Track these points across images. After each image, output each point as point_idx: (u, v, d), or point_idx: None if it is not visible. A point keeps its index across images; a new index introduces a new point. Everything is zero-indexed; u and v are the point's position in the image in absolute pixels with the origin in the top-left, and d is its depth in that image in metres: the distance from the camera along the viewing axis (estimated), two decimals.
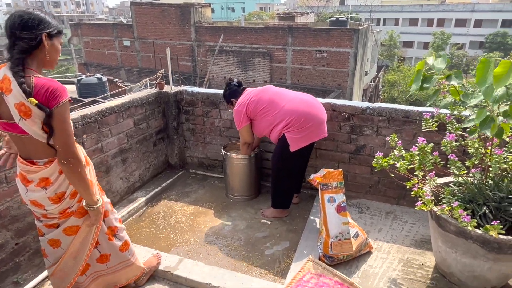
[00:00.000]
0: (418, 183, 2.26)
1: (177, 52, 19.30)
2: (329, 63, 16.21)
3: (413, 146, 2.23)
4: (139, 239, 2.76)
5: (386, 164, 2.29)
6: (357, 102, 3.01)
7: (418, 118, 2.81)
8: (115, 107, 2.95)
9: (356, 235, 2.43)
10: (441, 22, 38.59)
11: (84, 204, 1.71)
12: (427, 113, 2.30)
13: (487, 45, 33.73)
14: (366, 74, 20.33)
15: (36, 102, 1.43)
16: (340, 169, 2.41)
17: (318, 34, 16.11)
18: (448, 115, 2.26)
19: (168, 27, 18.87)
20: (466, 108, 2.03)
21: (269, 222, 2.96)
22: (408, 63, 35.15)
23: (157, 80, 3.51)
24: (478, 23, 37.14)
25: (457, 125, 2.21)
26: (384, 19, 41.45)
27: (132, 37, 20.41)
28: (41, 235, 1.80)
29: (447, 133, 2.25)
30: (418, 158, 2.18)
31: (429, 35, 36.07)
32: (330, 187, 2.37)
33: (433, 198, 2.10)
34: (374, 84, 25.33)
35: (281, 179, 2.83)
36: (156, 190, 3.37)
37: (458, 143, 2.07)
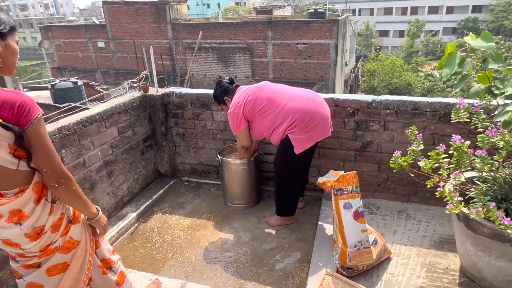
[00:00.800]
0: (439, 181, 2.07)
1: (154, 51, 18.74)
2: (311, 56, 16.04)
3: (441, 144, 2.03)
4: (133, 261, 2.47)
5: (406, 164, 2.08)
6: (362, 95, 2.80)
7: (428, 110, 2.63)
8: (96, 115, 2.63)
9: (375, 242, 2.23)
10: (414, 10, 39.17)
11: (84, 218, 1.52)
12: (461, 102, 2.08)
13: (459, 30, 34.46)
14: (346, 64, 20.32)
15: (1, 121, 1.14)
16: (355, 172, 2.19)
17: (298, 26, 15.89)
18: (475, 105, 2.06)
19: (143, 25, 18.22)
20: (500, 97, 1.83)
21: (275, 231, 2.72)
22: (385, 51, 35.52)
23: (141, 82, 3.19)
24: (450, 10, 37.91)
25: (483, 116, 2.00)
26: (360, 9, 41.74)
27: (107, 37, 19.63)
28: (18, 277, 1.50)
29: (478, 126, 2.04)
30: (452, 158, 1.97)
31: (403, 23, 36.55)
32: (346, 192, 2.15)
33: (461, 198, 1.91)
34: (354, 74, 25.45)
35: (285, 184, 2.60)
36: (147, 203, 3.07)
37: (498, 138, 1.85)
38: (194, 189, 3.40)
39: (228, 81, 2.70)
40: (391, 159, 2.18)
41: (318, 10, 18.11)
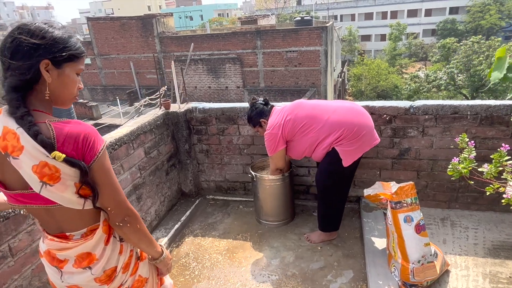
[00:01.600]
0: (499, 187, 1.98)
1: (142, 66, 18.55)
2: (301, 63, 16.12)
3: (503, 145, 1.94)
4: None
5: (466, 171, 1.99)
6: (399, 101, 2.72)
7: (468, 113, 2.56)
8: (124, 136, 2.46)
9: (435, 255, 2.12)
10: (394, 14, 40.11)
11: (148, 258, 1.36)
12: None
13: (439, 32, 35.41)
14: (334, 70, 20.53)
15: (64, 156, 0.99)
16: (412, 182, 2.09)
17: (287, 34, 15.98)
18: None
19: (130, 40, 18.00)
20: None
21: (319, 248, 2.59)
22: (369, 56, 36.17)
23: (163, 99, 3.04)
24: (428, 12, 38.96)
25: None
26: (341, 15, 42.48)
27: (93, 54, 19.31)
28: None
29: None
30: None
31: (385, 27, 37.37)
32: (405, 205, 2.04)
33: None
34: (340, 79, 25.74)
35: (331, 198, 2.47)
36: (176, 226, 2.90)
37: None
38: (221, 207, 3.24)
39: (263, 102, 2.60)
40: (449, 166, 2.09)
41: (305, 17, 18.28)
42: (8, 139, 0.98)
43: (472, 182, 2.07)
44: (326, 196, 2.47)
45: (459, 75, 21.19)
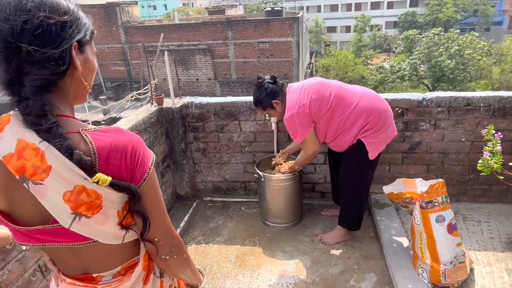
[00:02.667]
0: None
1: (106, 57, 17.54)
2: (273, 54, 15.94)
3: None
4: None
5: (498, 165, 1.91)
6: (411, 94, 2.61)
7: (481, 105, 2.50)
8: None
9: (464, 254, 2.04)
10: (358, 6, 40.89)
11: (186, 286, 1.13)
12: None
13: (400, 24, 36.58)
14: (303, 61, 20.57)
15: (110, 179, 0.74)
16: (443, 180, 1.98)
17: (258, 25, 15.70)
18: None
19: None
20: None
21: (335, 251, 2.44)
22: (334, 47, 36.70)
23: (154, 94, 2.73)
24: (390, 5, 40.11)
25: None
26: (307, 7, 42.66)
27: None
28: None
29: None
30: None
31: (350, 19, 38.03)
32: (437, 204, 1.93)
33: None
34: (309, 70, 25.93)
35: (361, 195, 2.32)
36: None
37: None
38: (221, 210, 3.01)
39: (271, 80, 2.29)
40: (479, 161, 2.00)
41: (275, 8, 18.06)
42: (26, 157, 0.70)
43: (502, 178, 2.00)
44: (356, 192, 2.29)
45: (421, 66, 21.99)
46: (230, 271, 2.33)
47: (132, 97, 4.85)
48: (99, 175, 0.72)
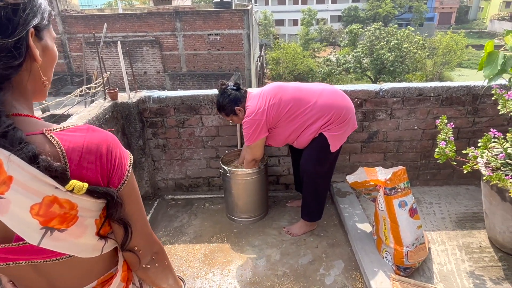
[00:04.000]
0: (475, 164, 2.08)
1: None
2: (224, 46, 15.77)
3: (492, 129, 2.03)
4: None
5: (453, 153, 2.05)
6: (369, 85, 2.71)
7: (432, 95, 2.67)
8: None
9: (422, 234, 2.17)
10: (304, 0, 41.86)
11: None
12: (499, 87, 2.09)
13: (344, 18, 38.16)
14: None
15: (86, 186, 0.64)
16: (403, 167, 2.08)
17: (208, 17, 15.40)
18: (500, 88, 2.11)
19: None
20: None
21: (302, 241, 2.48)
22: (283, 40, 37.27)
23: (107, 87, 2.54)
24: None
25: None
26: None
27: None
28: None
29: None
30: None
31: (296, 13, 38.84)
32: (399, 190, 2.03)
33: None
34: (259, 63, 26.08)
35: (321, 186, 2.36)
36: None
37: None
38: (184, 208, 2.90)
39: (234, 87, 2.30)
40: (436, 150, 2.12)
41: (224, 0, 17.82)
42: None
43: (455, 163, 2.15)
44: (315, 184, 2.34)
45: (364, 58, 23.13)
46: (200, 270, 2.26)
47: (81, 91, 4.47)
48: (73, 182, 0.62)
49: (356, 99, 2.66)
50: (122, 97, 2.64)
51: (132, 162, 0.77)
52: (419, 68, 23.92)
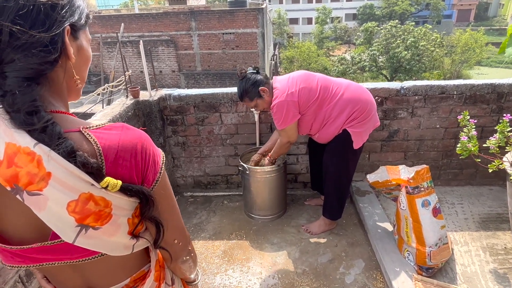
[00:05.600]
0: (501, 163, 2.04)
1: None
2: (238, 45, 15.80)
3: (506, 115, 1.98)
4: None
5: (475, 148, 2.01)
6: (390, 83, 2.68)
7: (455, 93, 2.62)
8: None
9: (447, 235, 2.14)
10: None
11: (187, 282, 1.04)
12: None
13: (359, 16, 37.67)
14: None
15: (120, 183, 0.65)
16: (427, 166, 2.05)
17: (223, 16, 15.45)
18: None
19: None
20: None
21: (321, 240, 2.47)
22: (297, 39, 37.10)
23: (129, 86, 2.58)
24: None
25: None
26: None
27: None
28: None
29: None
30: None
31: (311, 11, 38.59)
32: (423, 189, 2.00)
33: None
34: (273, 62, 26.04)
35: (343, 185, 2.34)
36: None
37: None
38: (203, 205, 2.93)
39: (254, 71, 2.24)
40: (458, 145, 2.09)
41: None
42: (19, 164, 0.59)
43: (479, 160, 2.11)
44: (337, 181, 2.32)
45: (380, 57, 22.81)
46: (219, 266, 2.28)
47: (104, 89, 4.56)
48: (108, 179, 0.63)
49: (376, 97, 2.63)
50: (143, 95, 2.68)
51: (164, 160, 0.77)
52: (436, 67, 23.45)
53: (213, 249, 2.44)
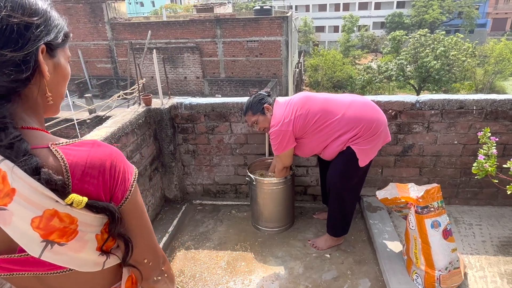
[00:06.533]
0: None
1: (92, 54, 17.19)
2: (262, 53, 15.87)
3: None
4: None
5: (493, 168, 1.89)
6: (405, 96, 2.59)
7: (474, 108, 2.49)
8: (104, 140, 2.06)
9: (457, 258, 2.02)
10: (346, 6, 41.20)
11: None
12: None
13: (387, 25, 37.00)
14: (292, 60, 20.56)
15: (86, 200, 0.65)
16: (438, 185, 1.95)
17: (247, 24, 15.61)
18: None
19: (77, 26, 16.47)
20: None
21: (327, 256, 2.40)
22: (322, 47, 36.88)
23: (142, 94, 2.64)
24: (377, 5, 40.53)
25: None
26: (296, 6, 42.72)
27: None
28: None
29: None
30: None
31: (338, 19, 38.32)
32: (432, 210, 1.90)
33: None
34: (298, 69, 25.96)
35: (347, 201, 2.28)
36: (164, 239, 2.55)
37: None
38: (211, 213, 2.93)
39: (265, 93, 2.35)
40: (474, 164, 1.98)
41: (264, 7, 17.98)
42: None
43: (497, 181, 1.99)
44: (341, 199, 2.27)
45: (408, 66, 22.26)
46: (221, 278, 2.26)
47: (118, 97, 4.71)
48: (73, 196, 0.63)
49: (390, 111, 2.55)
50: (156, 103, 2.73)
51: (136, 176, 0.77)
52: (468, 77, 22.60)
53: (217, 259, 2.42)
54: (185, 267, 2.36)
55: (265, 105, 2.24)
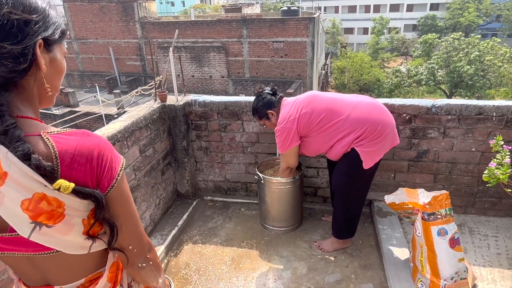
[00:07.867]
0: None
1: (122, 52, 17.77)
2: (287, 54, 15.84)
3: None
4: None
5: (504, 176, 1.82)
6: (420, 100, 2.52)
7: (494, 115, 2.40)
8: (117, 133, 2.14)
9: (466, 269, 1.95)
10: (377, 8, 40.29)
11: None
12: None
13: (419, 27, 35.88)
14: (318, 62, 20.36)
15: (73, 186, 0.69)
16: (447, 192, 1.89)
17: (274, 24, 15.63)
18: None
19: (109, 24, 17.11)
20: None
21: (332, 258, 2.38)
22: (351, 49, 36.26)
23: (158, 90, 2.72)
24: (410, 7, 39.37)
25: None
26: (325, 7, 42.29)
27: (69, 37, 18.30)
28: None
29: None
30: None
31: (367, 21, 37.53)
32: (440, 217, 1.85)
33: None
34: (324, 71, 25.67)
35: (350, 203, 2.26)
36: (173, 232, 2.62)
37: None
38: (221, 210, 2.98)
39: (270, 92, 2.33)
40: (484, 172, 1.91)
41: (292, 8, 17.92)
42: None
43: (510, 190, 1.91)
44: (344, 201, 2.25)
45: (439, 70, 21.52)
46: (225, 273, 2.29)
47: (137, 92, 4.87)
48: (60, 182, 0.67)
49: (404, 114, 2.50)
50: (171, 100, 2.80)
51: (123, 166, 0.81)
52: (504, 84, 21.56)
53: (222, 255, 2.46)
54: (191, 261, 2.41)
55: (268, 111, 2.26)
